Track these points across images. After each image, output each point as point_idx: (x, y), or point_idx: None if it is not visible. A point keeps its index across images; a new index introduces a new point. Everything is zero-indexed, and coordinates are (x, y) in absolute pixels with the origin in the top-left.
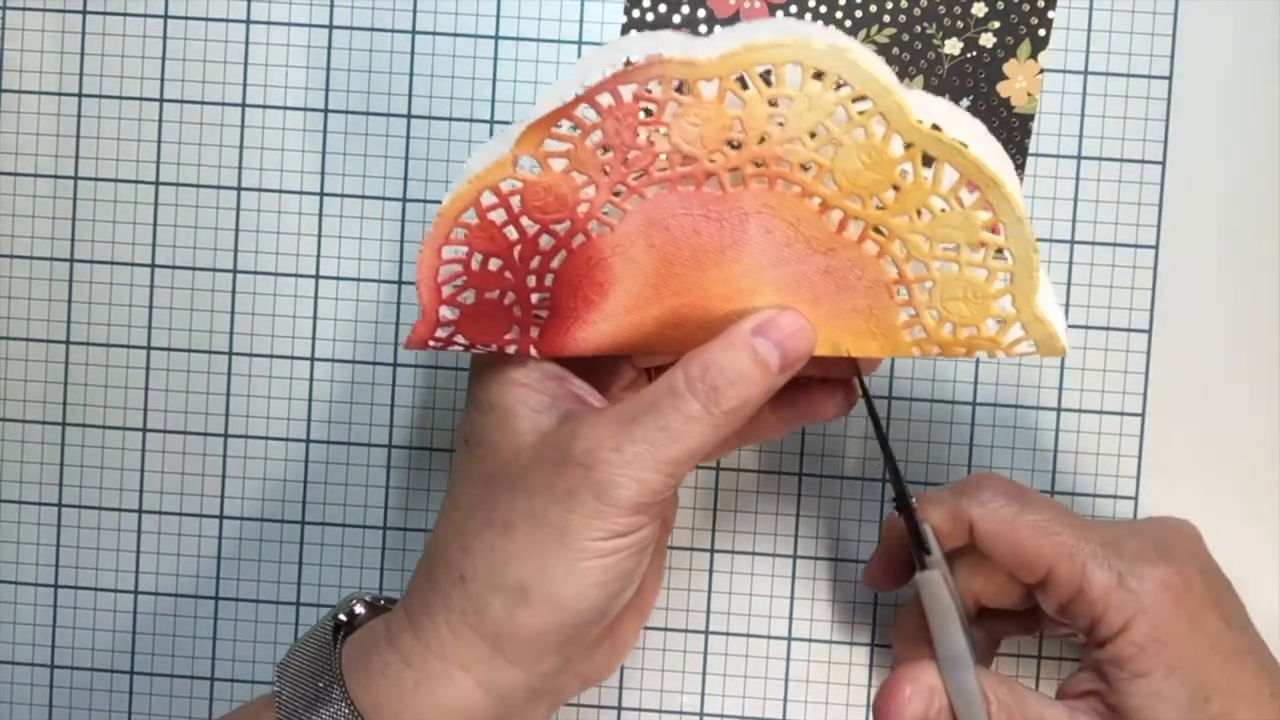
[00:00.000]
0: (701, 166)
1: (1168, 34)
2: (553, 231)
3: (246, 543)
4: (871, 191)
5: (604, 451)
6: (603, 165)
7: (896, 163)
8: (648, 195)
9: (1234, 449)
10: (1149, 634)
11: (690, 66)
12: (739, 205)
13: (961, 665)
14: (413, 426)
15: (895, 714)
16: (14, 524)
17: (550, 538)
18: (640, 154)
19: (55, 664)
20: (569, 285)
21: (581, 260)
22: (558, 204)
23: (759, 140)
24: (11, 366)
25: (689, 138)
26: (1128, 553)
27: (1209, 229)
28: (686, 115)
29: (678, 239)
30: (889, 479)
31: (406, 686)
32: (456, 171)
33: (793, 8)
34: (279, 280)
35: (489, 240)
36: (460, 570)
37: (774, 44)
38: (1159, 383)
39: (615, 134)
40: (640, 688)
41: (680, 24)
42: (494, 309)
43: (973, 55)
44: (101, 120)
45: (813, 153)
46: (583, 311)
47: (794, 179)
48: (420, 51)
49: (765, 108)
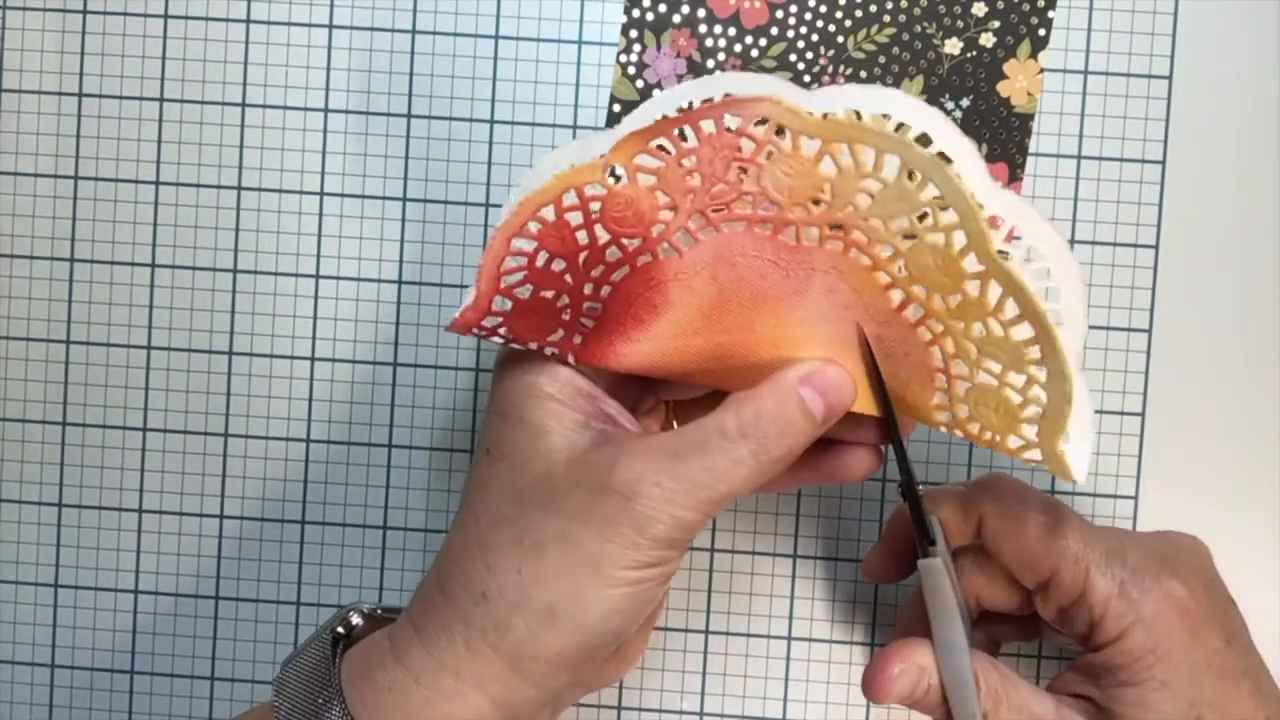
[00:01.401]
0: (783, 215)
1: (1168, 34)
2: (622, 245)
3: (246, 542)
4: (937, 290)
5: (647, 485)
6: (688, 190)
7: (966, 278)
8: (722, 230)
9: (1234, 449)
10: (1144, 645)
11: (796, 117)
12: (809, 260)
13: (957, 650)
14: (413, 426)
15: (881, 688)
16: (14, 524)
17: (582, 563)
18: (726, 188)
19: (55, 664)
20: (623, 301)
21: (642, 279)
22: (635, 219)
23: (843, 207)
24: (11, 366)
25: (779, 185)
26: (1132, 562)
27: (1209, 229)
28: (781, 163)
29: (741, 278)
30: (898, 465)
31: (415, 704)
32: (516, 172)
33: (793, 7)
34: (279, 280)
35: (560, 240)
36: (482, 588)
37: (879, 134)
38: (1159, 383)
39: (708, 163)
40: (640, 687)
41: (680, 24)
42: (545, 309)
43: (973, 55)
44: (101, 120)
45: (892, 237)
46: (630, 329)
47: (868, 252)
48: (420, 51)
49: (858, 183)
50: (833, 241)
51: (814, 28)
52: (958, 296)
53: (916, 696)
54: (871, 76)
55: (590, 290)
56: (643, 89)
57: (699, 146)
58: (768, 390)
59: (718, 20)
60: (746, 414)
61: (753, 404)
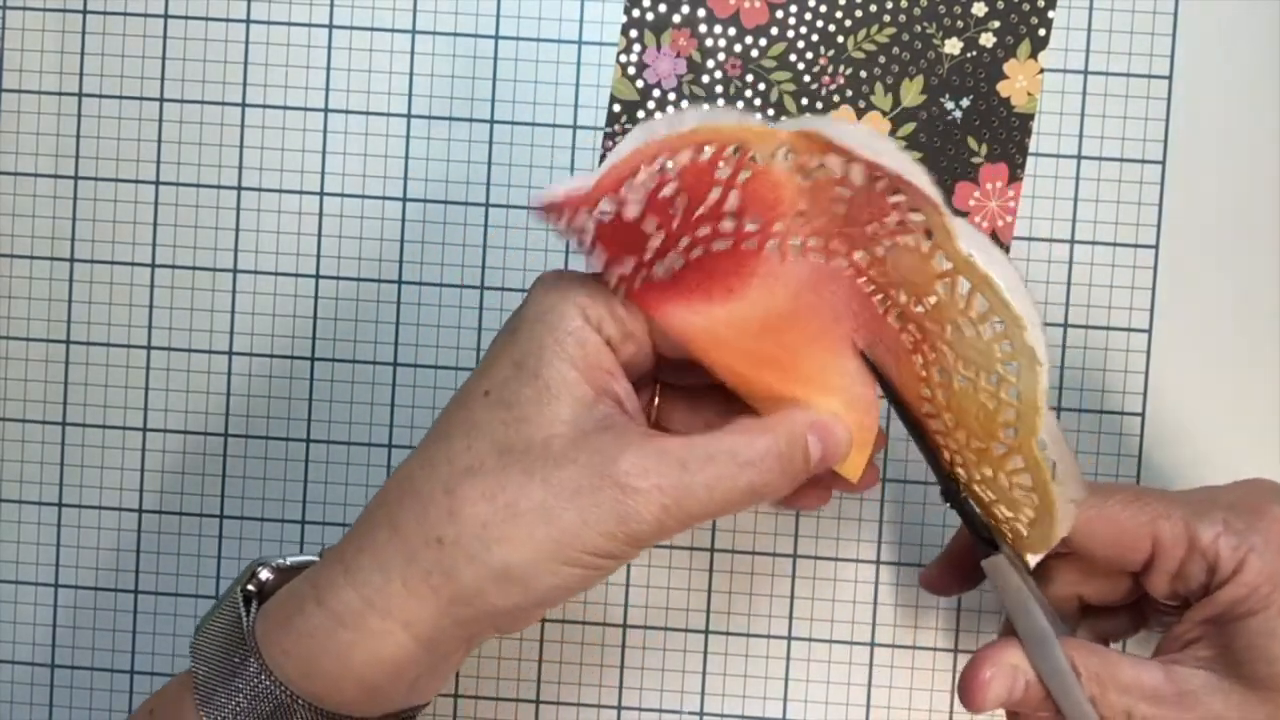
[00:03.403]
0: (889, 288)
1: (1168, 34)
2: (741, 221)
3: (246, 543)
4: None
5: (648, 484)
6: (828, 213)
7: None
8: (832, 263)
9: (1234, 449)
10: (1262, 571)
11: (947, 238)
12: (882, 333)
13: (1046, 641)
14: (412, 426)
15: (978, 694)
16: (14, 524)
17: (552, 538)
18: (856, 233)
19: (55, 664)
20: (706, 270)
21: (735, 261)
22: (770, 205)
23: (939, 324)
24: (11, 366)
25: (898, 268)
26: (1226, 503)
27: (1209, 229)
28: (910, 257)
29: (818, 311)
30: (935, 474)
31: (340, 646)
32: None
33: (793, 7)
34: (279, 280)
35: (696, 184)
36: (439, 533)
37: (1009, 308)
38: (1159, 383)
39: (859, 206)
40: (640, 687)
41: (680, 24)
42: (636, 238)
43: (973, 55)
44: (101, 120)
45: (962, 367)
46: (696, 299)
47: (930, 365)
48: (420, 51)
49: (958, 315)
50: (908, 335)
51: (814, 28)
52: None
53: (1015, 698)
54: (871, 76)
55: (684, 244)
56: (642, 89)
57: (863, 188)
58: (783, 429)
59: (718, 20)
60: (758, 446)
61: (767, 438)
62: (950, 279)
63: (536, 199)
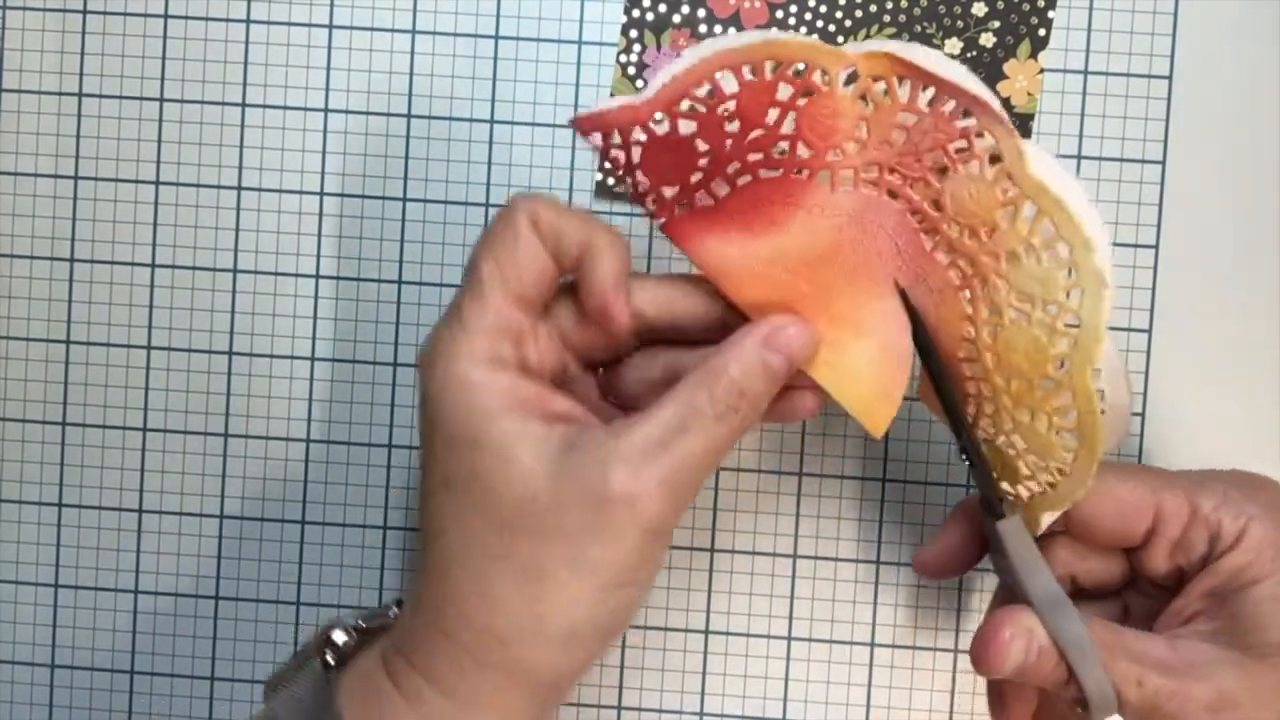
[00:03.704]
0: (940, 222)
1: (1168, 34)
2: (794, 147)
3: (247, 542)
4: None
5: (648, 484)
6: (886, 141)
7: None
8: (881, 194)
9: (1234, 449)
10: (1264, 538)
11: (1020, 162)
12: (927, 269)
13: (1062, 606)
14: (412, 426)
15: (997, 655)
16: (14, 524)
17: (596, 581)
18: (914, 164)
19: (55, 664)
20: (750, 199)
21: (782, 190)
22: (827, 132)
23: (994, 255)
24: (11, 366)
25: (956, 197)
26: (1219, 478)
27: (1209, 229)
28: (973, 184)
29: (860, 245)
30: (952, 429)
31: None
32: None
33: (793, 7)
34: (279, 280)
35: (753, 103)
36: (494, 630)
37: (1074, 222)
38: (1159, 382)
39: (920, 133)
40: (640, 687)
41: (680, 24)
42: (686, 159)
43: (973, 55)
44: (101, 120)
45: (1016, 302)
46: (734, 229)
47: (978, 301)
48: (420, 51)
49: (1018, 244)
50: (957, 271)
51: (814, 28)
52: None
53: (1029, 662)
54: None
55: (733, 170)
56: (642, 89)
57: (927, 114)
58: (735, 361)
59: (718, 20)
60: (720, 390)
61: (724, 379)
62: (1014, 205)
63: (583, 113)
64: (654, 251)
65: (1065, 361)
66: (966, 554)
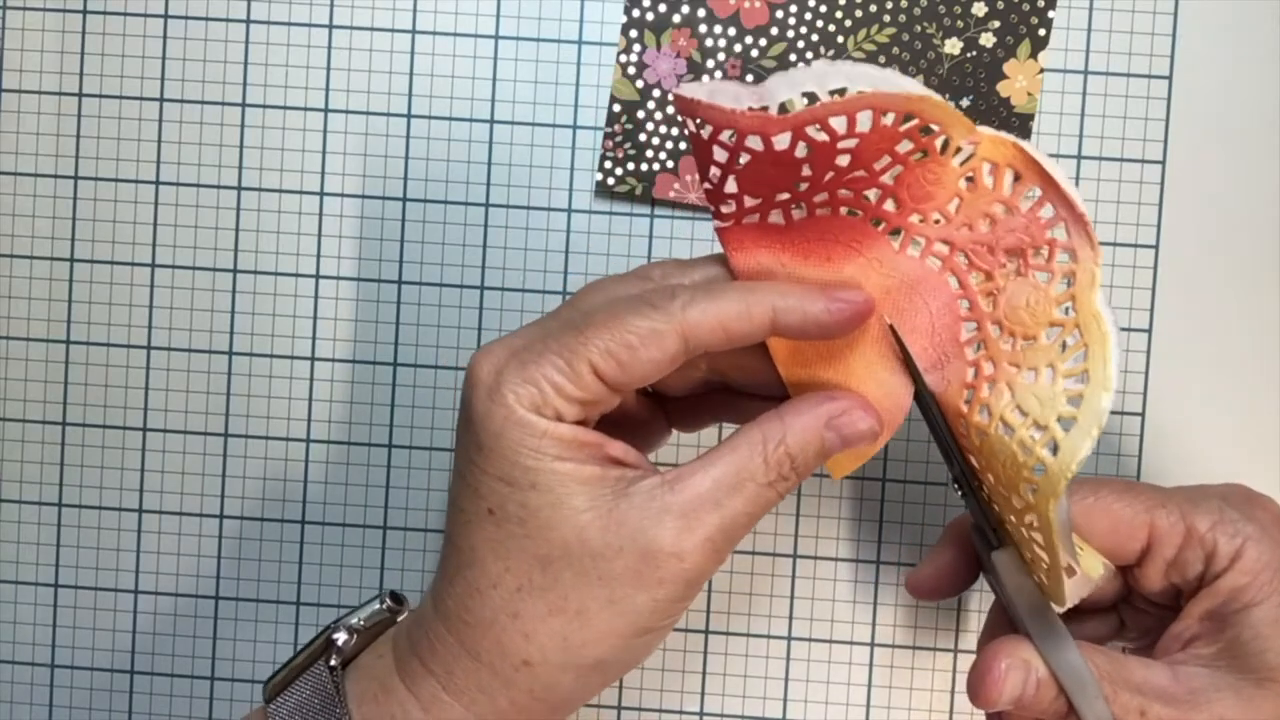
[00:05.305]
0: (987, 320)
1: (1168, 34)
2: (885, 199)
3: (246, 542)
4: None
5: (697, 541)
6: (971, 225)
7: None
8: (943, 275)
9: (1234, 449)
10: (1260, 559)
11: (1090, 289)
12: (958, 359)
13: (1060, 637)
14: (412, 426)
15: (992, 689)
16: (14, 524)
17: (631, 619)
18: (989, 256)
19: (55, 664)
20: (818, 230)
21: (852, 233)
22: (921, 198)
23: None
24: (11, 366)
25: (1013, 303)
26: (1218, 495)
27: (1209, 229)
28: (1033, 294)
29: (901, 313)
30: (945, 458)
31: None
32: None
33: (793, 7)
34: (279, 280)
35: (873, 147)
36: (524, 656)
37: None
38: (1159, 382)
39: (1009, 230)
40: (640, 687)
41: (680, 24)
42: (785, 176)
43: (973, 55)
44: (101, 120)
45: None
46: (790, 252)
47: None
48: (420, 51)
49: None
50: (974, 368)
51: (814, 28)
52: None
53: (1027, 695)
54: None
55: (820, 199)
56: (643, 89)
57: (1021, 213)
58: (794, 432)
59: (718, 20)
60: (774, 457)
61: (780, 449)
62: (1064, 326)
63: (706, 102)
64: (654, 251)
65: (1036, 487)
66: (960, 576)
